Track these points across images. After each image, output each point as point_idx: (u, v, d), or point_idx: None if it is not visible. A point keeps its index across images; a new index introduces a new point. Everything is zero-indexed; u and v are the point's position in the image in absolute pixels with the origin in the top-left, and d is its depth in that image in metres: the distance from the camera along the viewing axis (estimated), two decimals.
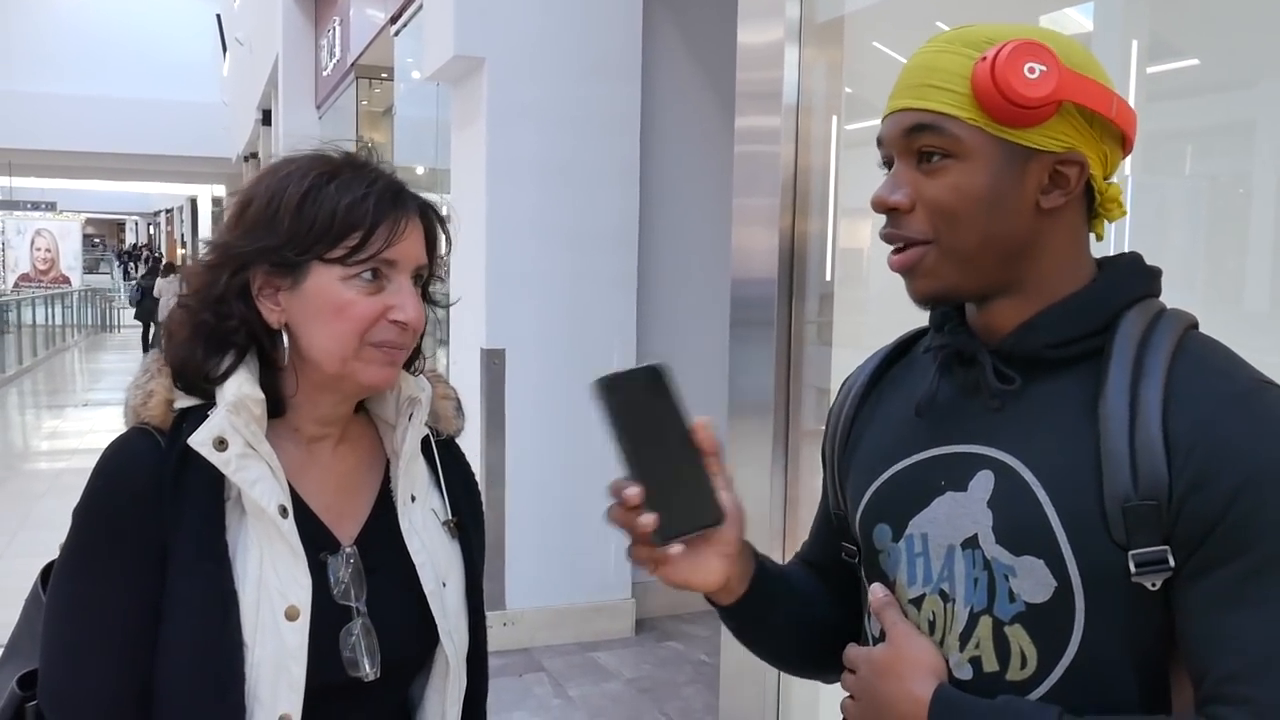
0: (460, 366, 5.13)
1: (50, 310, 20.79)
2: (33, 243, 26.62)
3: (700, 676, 4.55)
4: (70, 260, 26.92)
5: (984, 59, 0.98)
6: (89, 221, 35.18)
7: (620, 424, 1.02)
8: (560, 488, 4.91)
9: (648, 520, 1.00)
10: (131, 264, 31.13)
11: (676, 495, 1.02)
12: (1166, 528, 0.92)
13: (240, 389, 1.18)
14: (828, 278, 3.01)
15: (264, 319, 1.22)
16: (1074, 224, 1.04)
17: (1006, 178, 0.99)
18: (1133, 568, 0.92)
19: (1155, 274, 1.07)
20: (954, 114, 0.99)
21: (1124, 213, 1.07)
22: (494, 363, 4.78)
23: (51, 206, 28.20)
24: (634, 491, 1.01)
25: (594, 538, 4.99)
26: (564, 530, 4.93)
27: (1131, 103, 2.07)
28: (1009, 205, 1.00)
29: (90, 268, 31.59)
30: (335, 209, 1.18)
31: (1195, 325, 1.03)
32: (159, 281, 20.27)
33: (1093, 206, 1.05)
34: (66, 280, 26.19)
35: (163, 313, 19.41)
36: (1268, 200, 2.02)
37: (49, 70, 26.75)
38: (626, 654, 4.89)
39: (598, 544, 5.00)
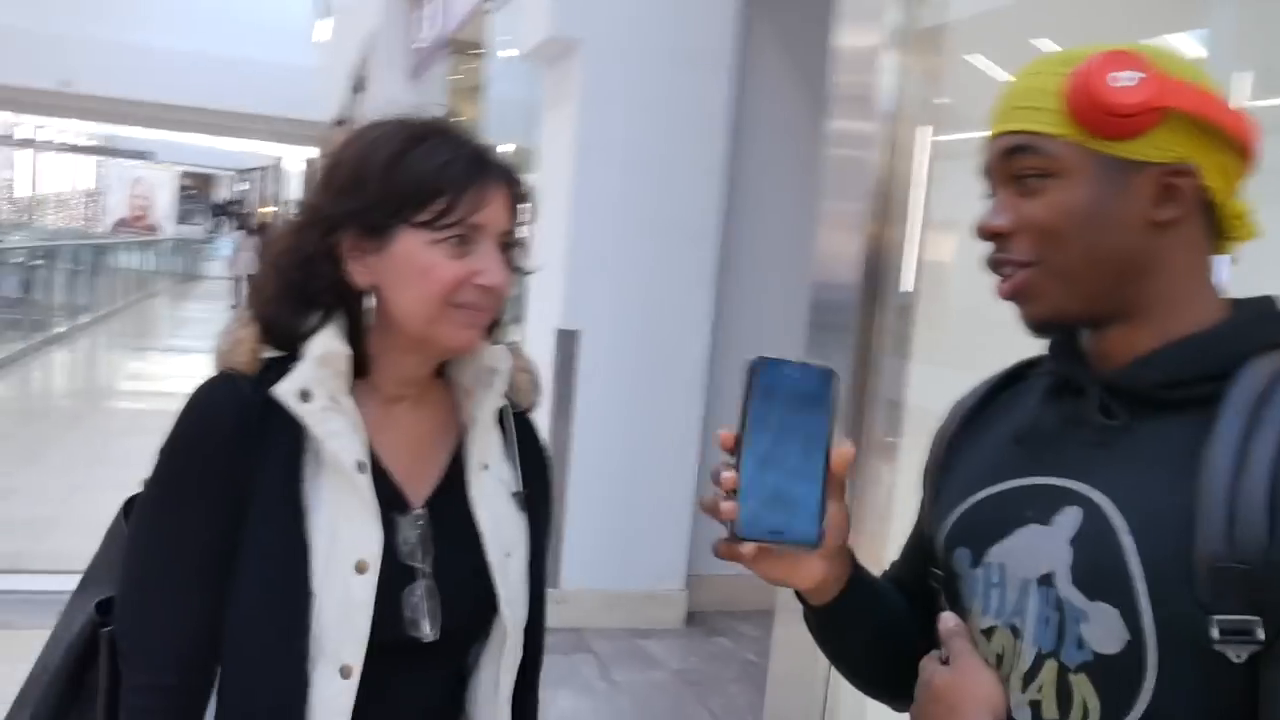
0: (534, 345, 5.15)
1: (143, 256, 21.28)
2: (131, 190, 27.26)
3: (746, 675, 4.54)
4: (166, 210, 27.51)
5: (1075, 73, 0.95)
6: (185, 174, 35.94)
7: (751, 411, 0.96)
8: (623, 473, 4.92)
9: (728, 510, 0.95)
10: (224, 218, 31.75)
11: (775, 496, 0.96)
12: (1259, 597, 0.84)
13: (328, 344, 1.21)
14: (910, 289, 2.97)
15: (351, 280, 1.24)
16: (1193, 242, 0.98)
17: (1109, 192, 0.96)
18: (1215, 634, 0.85)
19: None
20: (1049, 132, 0.97)
21: (1254, 232, 1.01)
22: (568, 343, 4.80)
23: (150, 156, 28.81)
24: (729, 475, 0.96)
25: (652, 525, 5.00)
26: (623, 515, 4.95)
27: None
28: (1114, 220, 0.96)
29: (183, 218, 32.24)
30: (422, 173, 1.19)
31: None
32: (240, 238, 20.64)
33: (1214, 226, 1.00)
34: (160, 228, 26.79)
35: (238, 268, 19.89)
36: None
37: (150, 22, 27.26)
38: (675, 645, 4.89)
39: (656, 531, 5.01)
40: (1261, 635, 0.85)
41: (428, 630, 1.25)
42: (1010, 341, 1.13)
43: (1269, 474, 0.85)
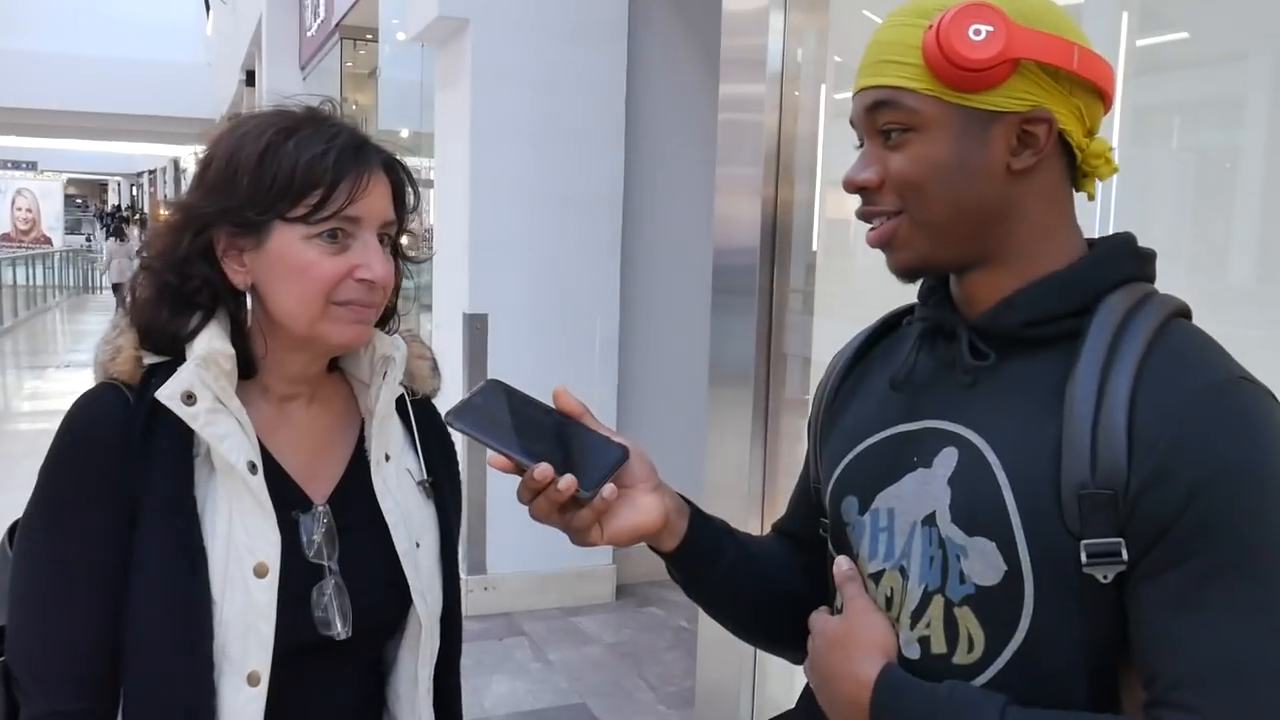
0: (444, 331, 5.10)
1: (31, 271, 20.63)
2: (13, 202, 26.40)
3: (680, 642, 4.57)
4: (52, 220, 26.72)
5: (930, 26, 0.96)
6: (71, 182, 34.91)
7: (491, 434, 1.06)
8: None
9: (568, 483, 1.02)
10: (112, 224, 30.97)
11: (575, 457, 1.06)
12: (1123, 520, 0.89)
13: (210, 344, 1.17)
14: (812, 247, 2.99)
15: (229, 280, 1.20)
16: (1051, 186, 1.01)
17: (970, 143, 0.98)
18: (1084, 558, 0.89)
19: (1148, 256, 1.04)
20: (909, 86, 0.98)
21: (1114, 169, 1.04)
22: (477, 327, 4.76)
23: (32, 166, 27.92)
24: (543, 469, 1.03)
25: None
26: None
27: (1120, 75, 2.05)
28: (976, 170, 0.98)
29: (72, 228, 31.33)
30: (294, 166, 1.15)
31: (1185, 313, 0.99)
32: (106, 244, 20.03)
33: (1075, 167, 1.03)
34: (48, 241, 26.00)
35: (113, 275, 19.42)
36: (1254, 175, 2.01)
37: (30, 27, 26.41)
38: (608, 619, 4.91)
39: None
40: (1125, 555, 0.89)
41: (340, 628, 1.22)
42: (907, 293, 1.15)
43: (1126, 403, 0.89)
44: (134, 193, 41.77)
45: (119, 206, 38.74)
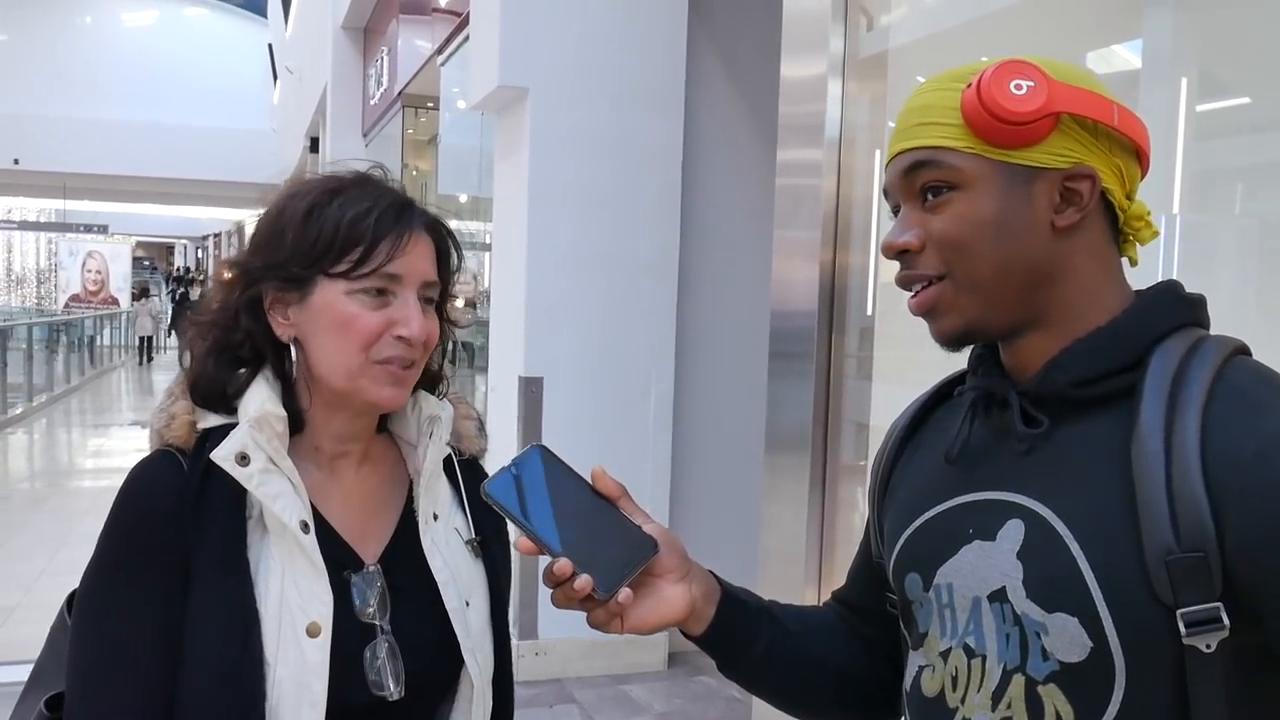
0: (499, 394, 5.13)
1: (99, 330, 21.11)
2: (84, 264, 27.09)
3: (732, 713, 4.49)
4: (119, 282, 27.36)
5: (969, 85, 0.96)
6: (139, 244, 35.79)
7: (520, 514, 1.05)
8: None
9: (584, 583, 1.01)
10: (178, 287, 31.68)
11: (602, 548, 1.04)
12: (1218, 582, 0.84)
13: (263, 405, 1.19)
14: (869, 312, 2.98)
15: (274, 333, 1.23)
16: (1096, 244, 0.98)
17: (1013, 200, 0.96)
18: (1183, 628, 0.84)
19: (1197, 301, 1.00)
20: (949, 145, 0.97)
21: (1155, 233, 1.02)
22: (532, 390, 4.78)
23: (104, 229, 28.70)
24: (563, 564, 1.01)
25: None
26: None
27: (1180, 141, 2.04)
28: (1020, 228, 0.96)
29: (139, 290, 32.08)
30: (339, 224, 1.19)
31: (1244, 350, 0.95)
32: (135, 304, 20.40)
33: (1117, 228, 1.01)
34: (115, 301, 26.62)
35: (137, 330, 19.65)
36: None
37: (104, 96, 27.33)
38: (658, 687, 4.84)
39: None
40: (1227, 621, 0.84)
41: (393, 689, 1.22)
42: (960, 360, 1.13)
43: (1199, 456, 0.85)
44: (199, 255, 42.74)
45: (184, 268, 39.62)
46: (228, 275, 1.26)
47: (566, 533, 1.04)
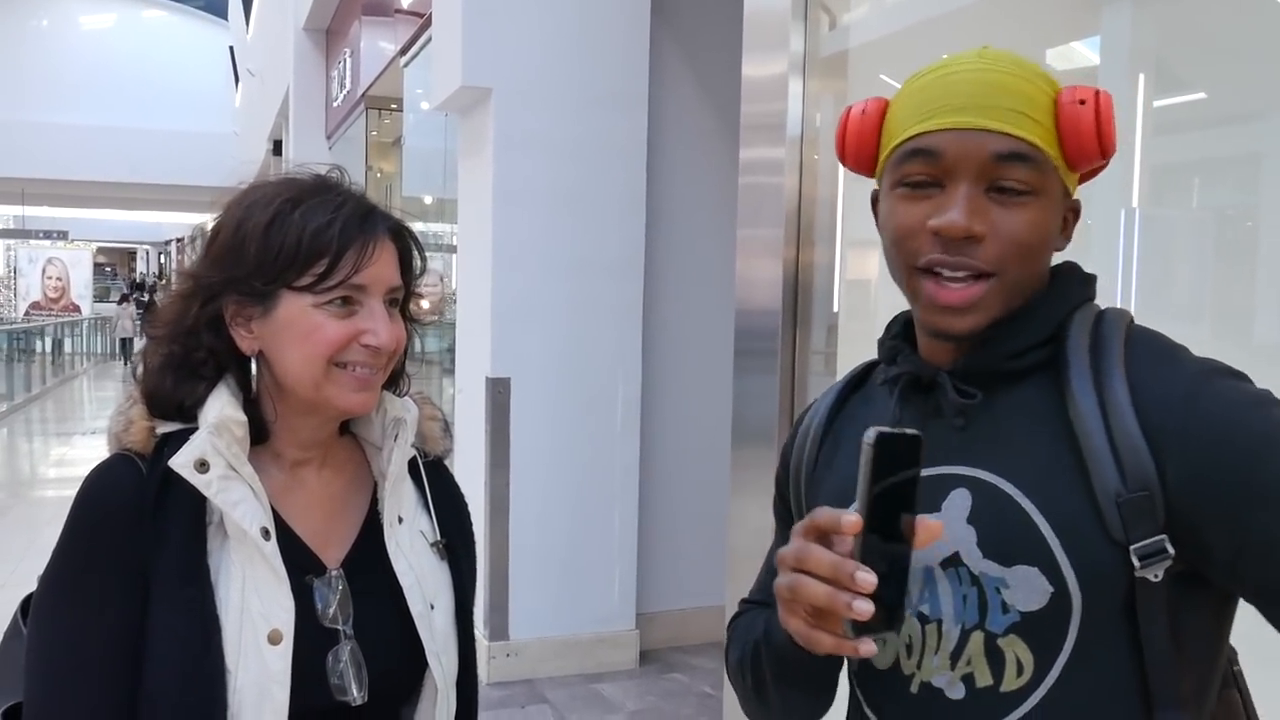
0: (467, 395, 5.12)
1: (59, 338, 20.86)
2: (44, 271, 26.78)
3: (705, 709, 4.51)
4: (80, 289, 27.06)
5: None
6: (100, 250, 35.41)
7: (879, 487, 0.87)
8: (565, 517, 4.89)
9: (865, 609, 0.85)
10: (139, 294, 31.36)
11: (888, 587, 0.87)
12: (1162, 517, 0.92)
13: (222, 411, 1.18)
14: (834, 309, 3.00)
15: (236, 346, 1.21)
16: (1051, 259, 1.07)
17: (1057, 218, 1.02)
18: (1137, 561, 0.92)
19: (1092, 279, 1.08)
20: (1045, 149, 0.98)
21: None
22: (499, 391, 4.77)
23: (63, 235, 28.36)
24: (870, 580, 0.85)
25: (598, 567, 4.96)
26: (568, 560, 4.91)
27: (1138, 136, 2.08)
28: (1051, 246, 1.03)
29: (100, 296, 31.73)
30: (301, 236, 1.17)
31: (1133, 320, 1.04)
32: (115, 308, 20.22)
33: None
34: (77, 308, 26.33)
35: (117, 332, 19.39)
36: (1275, 232, 2.01)
37: (62, 100, 27.02)
38: (630, 686, 4.84)
39: (602, 573, 4.97)
40: (1171, 550, 0.92)
41: (355, 694, 1.21)
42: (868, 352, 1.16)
43: (1130, 407, 0.93)
44: (161, 260, 42.30)
45: (145, 274, 39.20)
46: (183, 287, 1.23)
47: (879, 539, 0.87)
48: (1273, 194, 2.04)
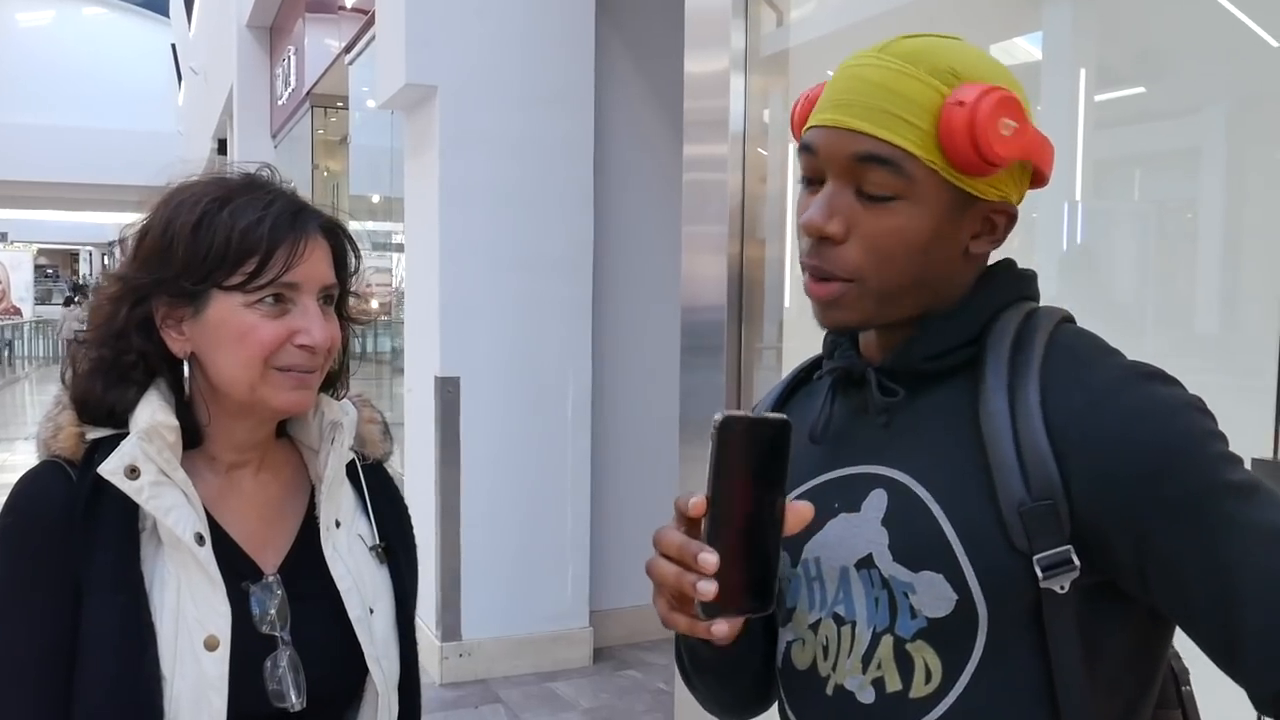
0: (416, 395, 5.08)
1: (10, 339, 20.49)
2: None
3: (659, 705, 4.51)
4: (21, 291, 26.59)
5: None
6: (41, 252, 34.80)
7: (724, 471, 0.88)
8: (516, 516, 4.87)
9: (708, 590, 0.87)
10: (81, 296, 30.88)
11: (739, 569, 0.89)
12: (1067, 527, 0.89)
13: (153, 416, 1.16)
14: (784, 304, 3.00)
15: (168, 349, 1.19)
16: (984, 261, 1.03)
17: (947, 224, 0.96)
18: (1039, 572, 0.89)
19: (1030, 276, 1.05)
20: (914, 152, 0.93)
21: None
22: (448, 390, 4.74)
23: (2, 237, 27.83)
24: (711, 560, 0.87)
25: (551, 566, 4.95)
26: (520, 559, 4.89)
27: (1080, 130, 2.10)
28: (942, 250, 0.97)
29: (42, 299, 31.19)
30: (229, 235, 1.15)
31: (1069, 319, 1.01)
32: (61, 310, 19.94)
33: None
34: (18, 311, 25.85)
35: (66, 334, 19.21)
36: (1214, 224, 2.04)
37: (1, 99, 26.47)
38: (584, 683, 4.83)
39: (555, 572, 4.96)
40: (1077, 562, 0.89)
41: (294, 699, 1.20)
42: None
43: (1040, 412, 0.91)
44: (105, 262, 41.65)
45: (86, 277, 38.59)
46: (111, 289, 1.21)
47: (731, 521, 0.89)
48: (1211, 187, 2.07)
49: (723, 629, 0.90)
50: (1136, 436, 0.88)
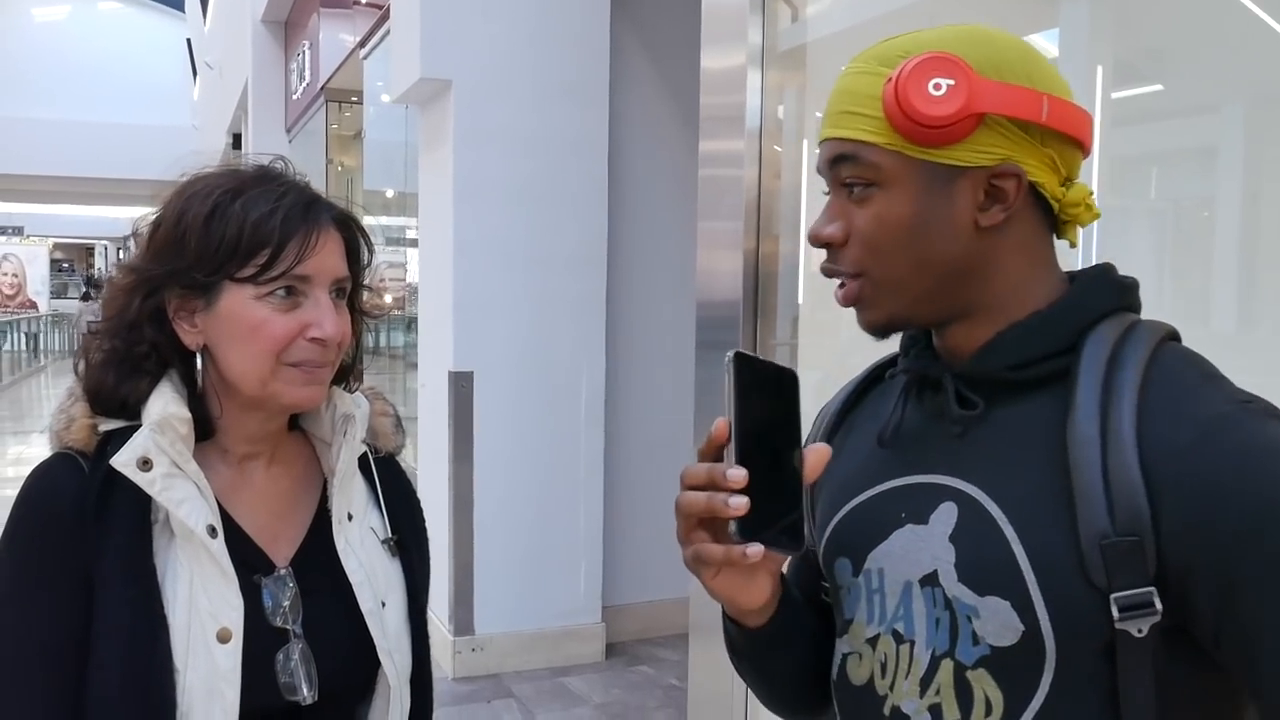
0: (430, 389, 5.09)
1: (16, 335, 20.58)
2: None
3: (671, 701, 4.51)
4: (37, 285, 26.71)
5: (890, 80, 0.92)
6: (57, 246, 34.94)
7: (745, 404, 0.90)
8: (529, 511, 4.87)
9: (740, 503, 0.86)
10: (93, 290, 31.01)
11: (771, 503, 0.90)
12: (1153, 567, 0.83)
13: (165, 408, 1.16)
14: (799, 300, 3.00)
15: (181, 341, 1.19)
16: (1025, 237, 0.96)
17: (932, 201, 0.93)
18: (1116, 613, 0.83)
19: (1130, 285, 0.99)
20: (871, 140, 0.94)
21: (1096, 215, 0.99)
22: (462, 385, 4.75)
23: (19, 231, 27.95)
24: (739, 474, 0.87)
25: (564, 561, 4.95)
26: (533, 554, 4.89)
27: (1097, 128, 2.07)
28: (939, 229, 0.94)
29: (58, 293, 31.33)
30: (241, 227, 1.15)
31: (1174, 336, 0.95)
32: (78, 305, 19.99)
33: (1053, 215, 0.98)
34: (34, 305, 25.98)
35: (82, 329, 19.23)
36: (1231, 222, 2.03)
37: (15, 94, 26.61)
38: (596, 679, 4.84)
39: (568, 567, 4.96)
40: (1159, 605, 0.83)
41: (306, 693, 1.20)
42: (893, 345, 1.12)
43: (1134, 441, 0.84)
44: (120, 256, 41.79)
45: (103, 271, 38.72)
46: (124, 281, 1.21)
47: (757, 456, 0.89)
48: (1229, 185, 2.06)
49: (757, 549, 0.88)
50: (1242, 484, 0.81)
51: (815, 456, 0.93)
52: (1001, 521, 0.90)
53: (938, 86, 0.89)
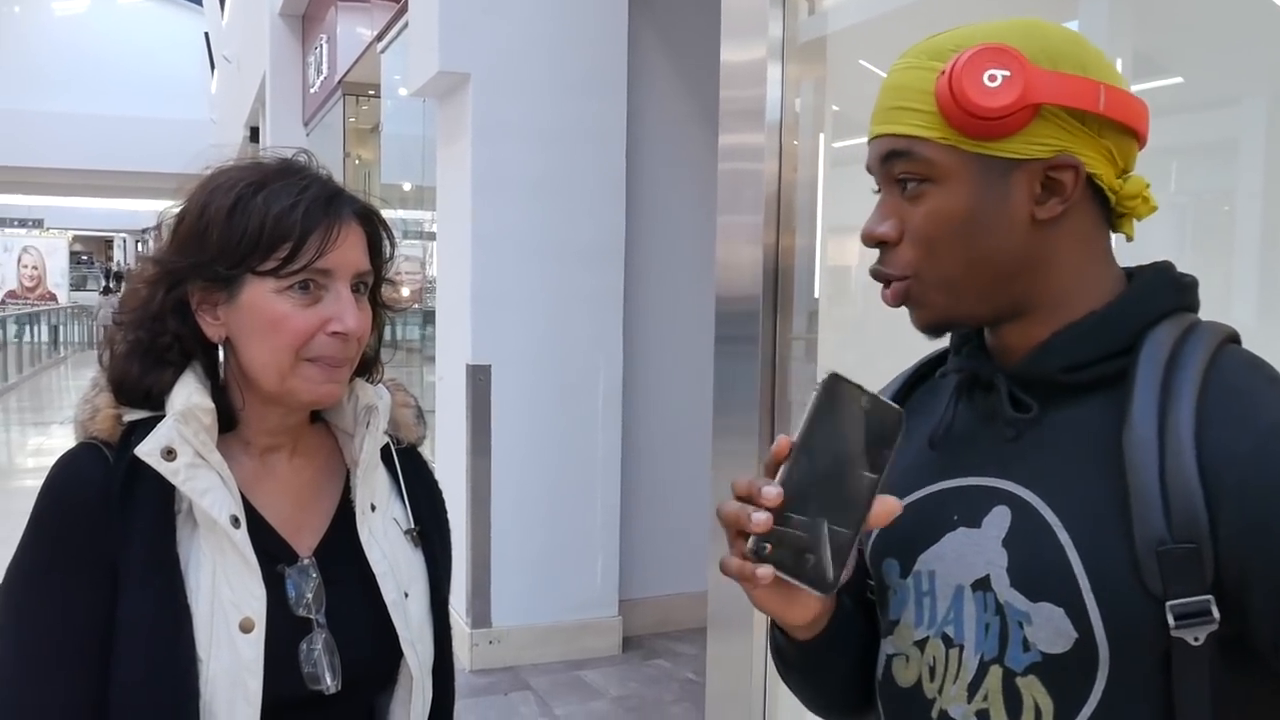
0: (447, 382, 5.10)
1: (36, 327, 20.72)
2: (19, 260, 26.58)
3: (687, 695, 4.52)
4: (57, 277, 26.87)
5: (943, 73, 0.91)
6: (77, 238, 35.12)
7: (815, 427, 0.87)
8: (546, 504, 4.89)
9: (760, 519, 0.85)
10: (113, 283, 31.16)
11: (809, 533, 0.87)
12: (1210, 574, 0.81)
13: (189, 399, 1.16)
14: (815, 294, 3.00)
15: (203, 333, 1.20)
16: (1083, 230, 0.94)
17: (989, 195, 0.91)
18: (1172, 621, 0.82)
19: (1188, 284, 0.97)
20: (924, 135, 0.92)
21: (1153, 207, 0.97)
22: (479, 378, 4.76)
23: (39, 223, 28.12)
24: (772, 492, 0.86)
25: (581, 553, 4.97)
26: (551, 547, 4.91)
27: None
28: (996, 223, 0.92)
29: (77, 285, 31.50)
30: (264, 220, 1.15)
31: (1235, 338, 0.93)
32: (98, 298, 20.09)
33: (1109, 209, 0.96)
34: (53, 297, 26.14)
35: (102, 322, 19.45)
36: (1251, 216, 2.02)
37: (35, 87, 26.76)
38: (613, 672, 4.85)
39: (585, 560, 4.97)
40: (1217, 614, 0.82)
41: (329, 682, 1.20)
42: (914, 339, 1.11)
43: (1192, 447, 0.83)
44: (139, 248, 41.97)
45: (122, 263, 38.93)
46: (148, 273, 1.22)
47: (811, 481, 0.87)
48: (1249, 178, 2.05)
49: (766, 570, 0.86)
50: None
51: (884, 508, 0.89)
52: (1056, 527, 0.88)
53: (993, 78, 0.88)
